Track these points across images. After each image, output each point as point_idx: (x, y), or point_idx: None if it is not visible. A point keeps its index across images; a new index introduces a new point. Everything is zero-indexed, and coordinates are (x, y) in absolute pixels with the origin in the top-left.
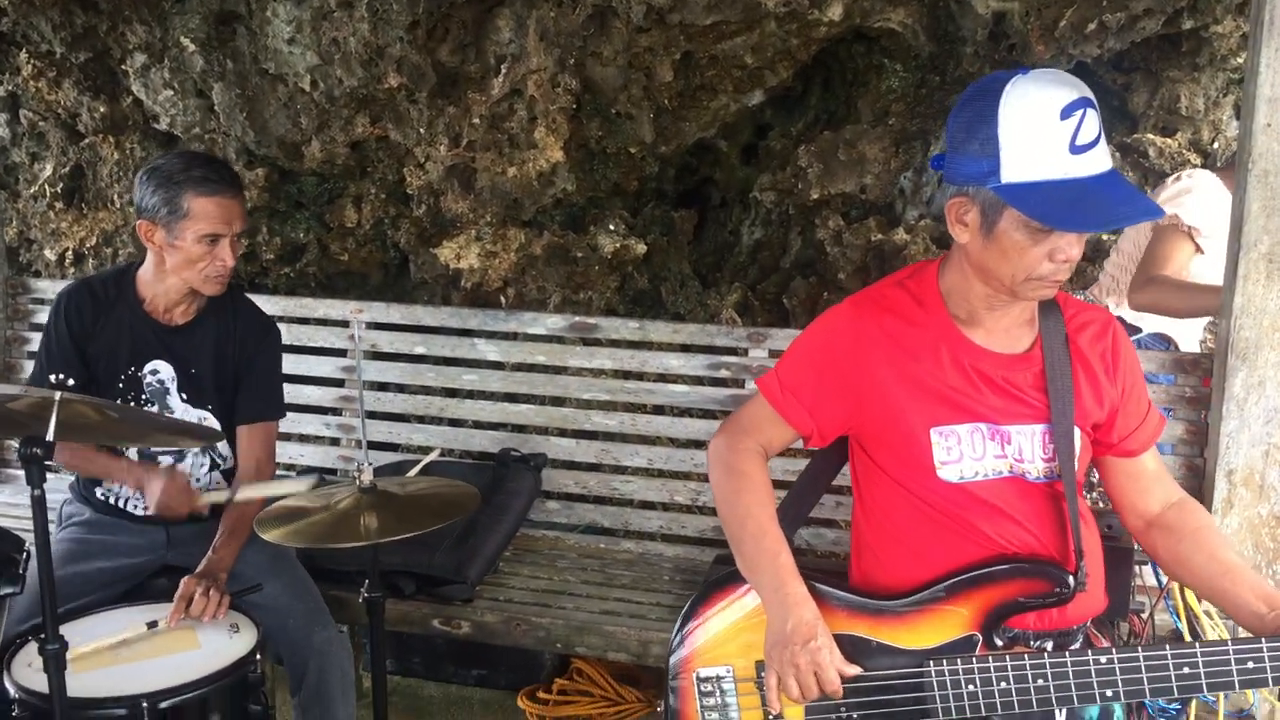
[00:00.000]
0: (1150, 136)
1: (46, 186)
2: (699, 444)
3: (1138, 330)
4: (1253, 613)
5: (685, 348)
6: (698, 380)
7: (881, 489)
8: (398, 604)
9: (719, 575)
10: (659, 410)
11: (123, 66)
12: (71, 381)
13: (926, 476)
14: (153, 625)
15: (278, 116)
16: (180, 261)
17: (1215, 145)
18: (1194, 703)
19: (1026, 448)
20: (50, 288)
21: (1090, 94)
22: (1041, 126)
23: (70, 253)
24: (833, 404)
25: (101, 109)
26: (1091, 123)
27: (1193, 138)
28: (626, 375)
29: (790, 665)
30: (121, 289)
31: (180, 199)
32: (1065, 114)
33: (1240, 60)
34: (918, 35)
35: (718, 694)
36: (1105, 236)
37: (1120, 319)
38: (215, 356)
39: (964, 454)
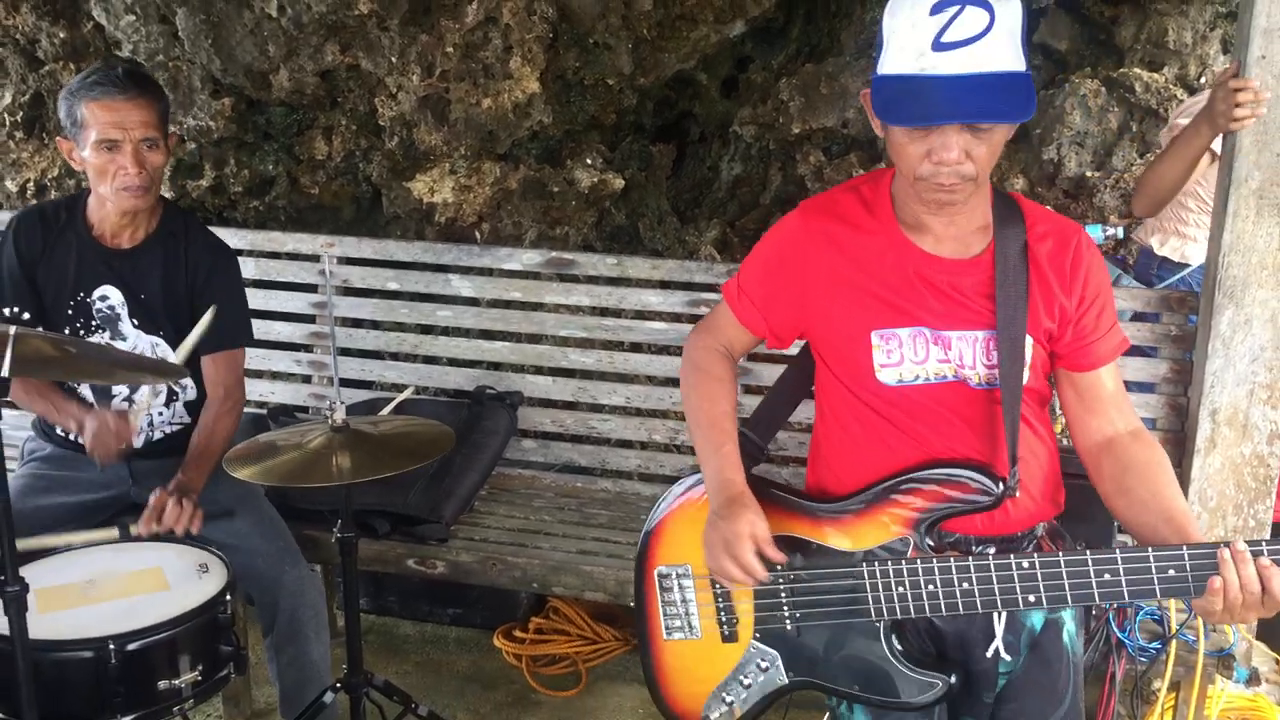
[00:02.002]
0: (1137, 71)
1: (6, 116)
2: (677, 382)
3: (1185, 266)
4: None
5: (663, 284)
6: (676, 317)
7: (831, 393)
8: (372, 544)
9: (684, 481)
10: (636, 348)
11: None
12: (26, 315)
13: (867, 379)
14: (125, 532)
15: (244, 44)
16: (94, 175)
17: (1202, 80)
18: (1174, 643)
19: (968, 353)
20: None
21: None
22: (911, 20)
23: (32, 183)
24: (782, 306)
25: (61, 35)
26: (970, 20)
27: (1179, 72)
28: (604, 312)
29: (709, 543)
30: (72, 214)
31: (77, 109)
32: (936, 9)
33: None
34: None
35: (676, 589)
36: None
37: (1166, 258)
38: (165, 281)
39: (905, 357)
